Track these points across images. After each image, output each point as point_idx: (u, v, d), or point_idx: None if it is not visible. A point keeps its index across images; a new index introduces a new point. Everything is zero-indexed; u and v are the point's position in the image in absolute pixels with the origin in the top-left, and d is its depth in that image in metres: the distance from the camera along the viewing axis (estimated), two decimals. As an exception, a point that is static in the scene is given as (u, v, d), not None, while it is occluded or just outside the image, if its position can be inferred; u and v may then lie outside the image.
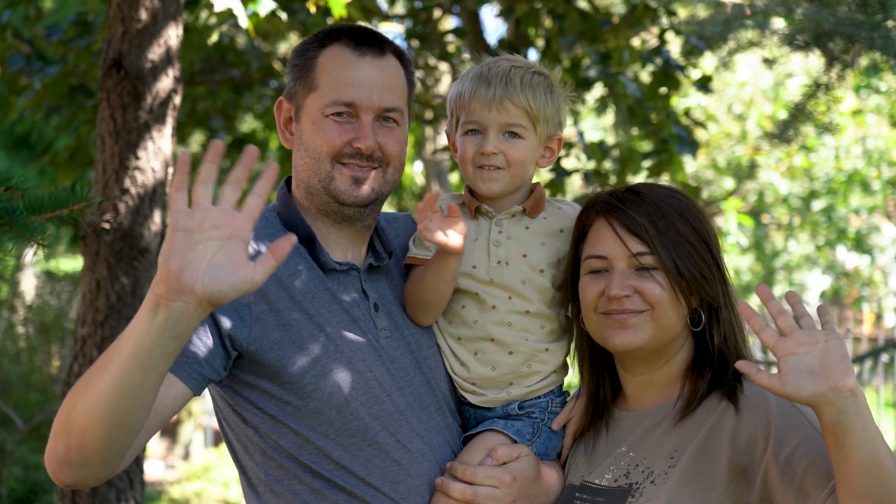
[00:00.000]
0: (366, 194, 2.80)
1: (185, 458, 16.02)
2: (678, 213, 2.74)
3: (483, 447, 2.80)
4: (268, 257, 2.28)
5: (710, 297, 2.73)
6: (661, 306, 2.71)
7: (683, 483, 2.63)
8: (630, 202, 2.75)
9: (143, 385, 2.35)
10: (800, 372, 2.37)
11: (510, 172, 2.81)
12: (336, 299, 2.79)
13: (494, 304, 2.81)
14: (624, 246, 2.72)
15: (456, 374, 2.86)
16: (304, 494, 2.74)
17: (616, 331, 2.72)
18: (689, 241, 2.72)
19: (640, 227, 2.71)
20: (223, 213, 2.27)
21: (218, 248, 2.26)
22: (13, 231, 2.60)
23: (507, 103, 2.78)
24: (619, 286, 2.71)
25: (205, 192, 2.27)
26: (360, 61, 2.79)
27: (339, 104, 2.77)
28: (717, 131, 16.85)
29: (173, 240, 2.25)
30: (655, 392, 2.79)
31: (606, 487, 2.73)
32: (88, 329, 4.93)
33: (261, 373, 2.71)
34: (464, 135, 2.84)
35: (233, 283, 2.26)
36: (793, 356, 2.39)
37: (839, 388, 2.34)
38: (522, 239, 2.84)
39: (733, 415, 2.64)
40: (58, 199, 2.66)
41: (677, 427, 2.70)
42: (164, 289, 2.27)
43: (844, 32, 3.66)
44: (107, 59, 4.89)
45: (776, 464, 2.54)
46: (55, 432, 2.47)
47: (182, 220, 2.25)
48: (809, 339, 2.39)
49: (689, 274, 2.70)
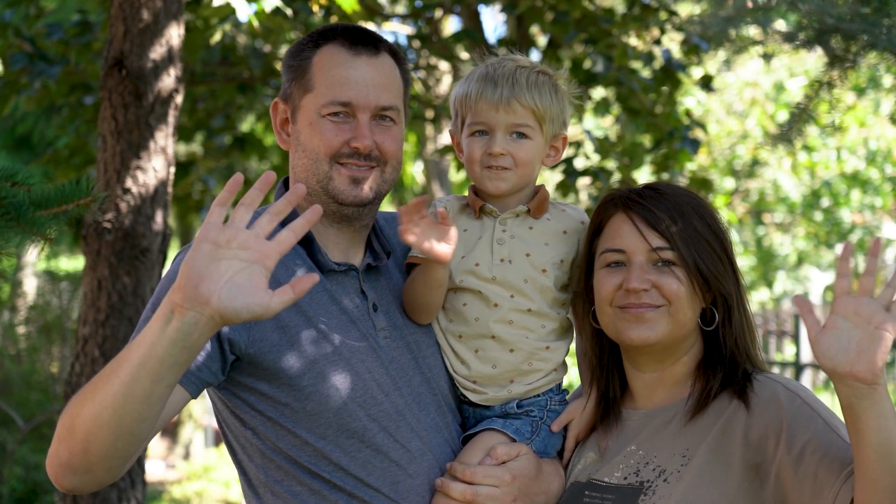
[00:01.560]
0: (365, 194, 2.80)
1: (186, 457, 16.02)
2: (695, 210, 2.74)
3: (482, 447, 2.80)
4: (287, 290, 2.29)
5: (726, 294, 2.73)
6: (679, 302, 2.70)
7: (697, 481, 2.63)
8: (650, 198, 2.75)
9: (151, 394, 2.35)
10: (836, 340, 2.33)
11: (517, 172, 2.81)
12: (334, 300, 2.78)
13: (497, 301, 2.81)
14: (644, 240, 2.72)
15: (456, 372, 2.86)
16: (303, 495, 2.73)
17: (632, 325, 2.72)
18: (705, 239, 2.72)
19: (660, 222, 2.71)
20: (253, 238, 2.28)
21: (241, 269, 2.27)
22: (19, 226, 2.60)
23: (514, 104, 2.78)
24: (639, 279, 2.70)
25: (243, 215, 2.29)
26: (356, 60, 2.79)
27: (336, 104, 2.77)
28: (717, 131, 16.85)
29: (199, 250, 2.26)
30: (664, 391, 2.79)
31: (616, 485, 2.72)
32: (90, 329, 4.93)
33: (259, 375, 2.70)
34: (470, 136, 2.84)
35: (248, 305, 2.26)
36: (843, 319, 2.34)
37: (858, 378, 2.31)
38: (526, 239, 2.84)
39: (745, 413, 2.63)
40: (63, 194, 2.66)
41: (688, 426, 2.70)
42: (180, 296, 2.27)
43: (847, 29, 3.66)
44: (108, 58, 4.89)
45: (789, 458, 2.53)
46: (59, 436, 2.46)
47: (213, 232, 2.26)
48: (868, 313, 2.32)
49: (708, 271, 2.70)
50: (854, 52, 3.87)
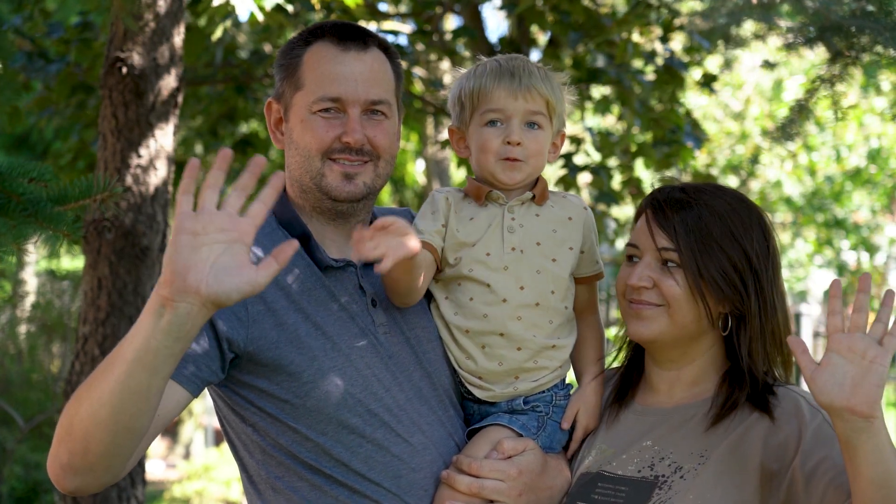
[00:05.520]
0: (358, 189, 2.80)
1: (186, 457, 16.01)
2: (720, 217, 2.74)
3: (488, 441, 2.80)
4: (270, 261, 2.30)
5: (734, 305, 2.73)
6: (677, 304, 2.73)
7: (714, 480, 2.65)
8: (673, 200, 2.78)
9: (148, 388, 2.35)
10: (832, 377, 2.38)
11: (530, 163, 2.83)
12: (333, 296, 2.78)
13: (505, 296, 2.81)
14: (652, 238, 2.76)
15: (461, 367, 2.86)
16: (304, 491, 2.73)
17: (633, 320, 2.78)
18: (720, 247, 2.72)
19: (669, 224, 2.74)
20: (227, 218, 2.29)
21: (222, 251, 2.28)
22: (38, 222, 2.61)
23: (533, 91, 2.81)
24: (639, 276, 2.75)
25: (211, 197, 2.29)
26: (344, 56, 2.79)
27: (326, 100, 2.77)
28: (716, 130, 16.85)
29: (178, 242, 2.26)
30: (682, 390, 2.82)
31: (630, 478, 2.73)
32: (90, 327, 4.93)
33: (259, 373, 2.70)
34: (483, 125, 2.84)
35: (237, 285, 2.28)
36: (837, 355, 2.39)
37: (855, 412, 2.36)
38: (535, 227, 2.85)
39: (767, 422, 2.66)
40: (80, 189, 2.67)
41: (707, 431, 2.72)
42: (168, 290, 2.27)
43: (851, 24, 3.65)
44: (109, 56, 4.89)
45: (802, 473, 2.56)
46: (58, 438, 2.45)
47: (187, 222, 2.27)
48: (861, 348, 2.38)
49: (711, 278, 2.71)
50: (856, 49, 3.87)
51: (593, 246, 2.92)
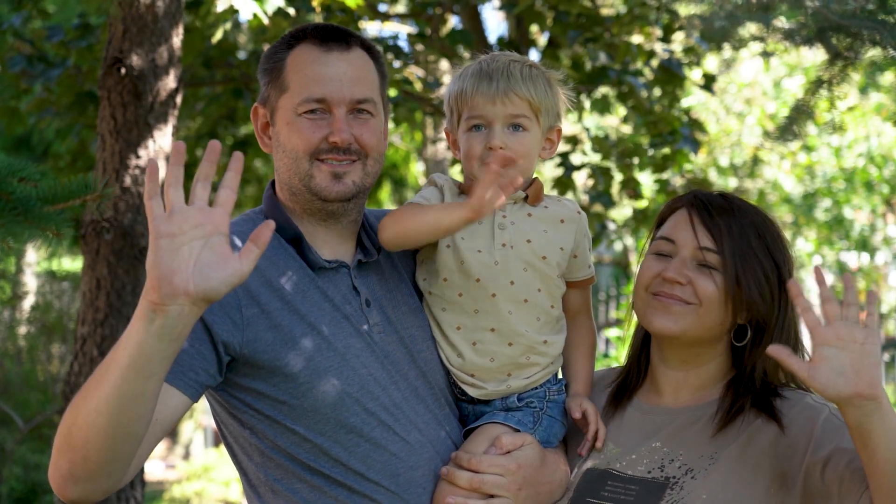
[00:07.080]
0: (347, 188, 2.80)
1: (186, 457, 16.02)
2: (756, 228, 2.78)
3: (487, 437, 2.81)
4: (250, 247, 2.33)
5: (761, 316, 2.76)
6: (709, 305, 2.74)
7: (726, 479, 2.66)
8: (716, 203, 2.81)
9: (144, 392, 2.36)
10: (831, 370, 2.39)
11: (517, 165, 2.81)
12: (327, 297, 2.78)
13: (494, 291, 2.81)
14: (695, 236, 2.77)
15: (451, 364, 2.86)
16: (304, 492, 2.73)
17: (658, 313, 2.77)
18: (757, 258, 2.75)
19: (715, 225, 2.76)
20: (199, 212, 2.31)
21: (202, 247, 2.30)
22: (27, 221, 2.61)
23: (511, 95, 2.80)
24: (677, 271, 2.75)
25: (176, 195, 2.31)
26: (327, 57, 2.80)
27: (311, 101, 2.78)
28: (717, 130, 16.84)
29: (157, 247, 2.29)
30: (688, 392, 2.83)
31: (640, 478, 2.74)
32: (89, 328, 4.93)
33: (255, 375, 2.71)
34: (468, 131, 2.85)
35: (222, 278, 2.30)
36: (828, 348, 2.40)
37: (864, 396, 2.37)
38: (526, 225, 2.85)
39: (775, 425, 2.68)
40: (71, 189, 2.67)
41: (715, 436, 2.73)
42: (157, 295, 2.28)
43: (850, 25, 3.65)
44: (107, 57, 4.89)
45: (817, 465, 2.57)
46: (57, 448, 2.46)
47: (163, 226, 2.29)
48: (849, 335, 2.40)
49: (746, 286, 2.73)
50: (855, 49, 3.87)
51: (586, 251, 2.92)
